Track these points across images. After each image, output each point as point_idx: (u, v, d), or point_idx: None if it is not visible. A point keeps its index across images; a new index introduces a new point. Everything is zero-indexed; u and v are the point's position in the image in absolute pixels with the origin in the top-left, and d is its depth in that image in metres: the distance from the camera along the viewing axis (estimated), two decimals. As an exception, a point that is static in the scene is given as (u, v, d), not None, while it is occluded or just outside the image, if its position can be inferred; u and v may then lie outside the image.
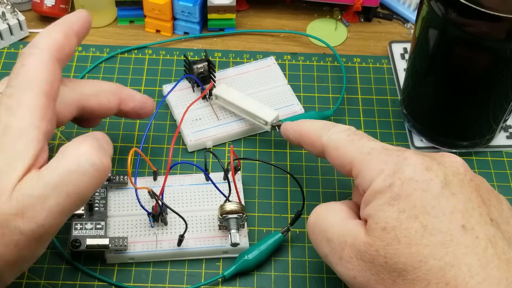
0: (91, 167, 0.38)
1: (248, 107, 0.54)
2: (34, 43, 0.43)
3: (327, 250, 0.41)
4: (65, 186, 0.37)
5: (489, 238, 0.37)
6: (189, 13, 0.62)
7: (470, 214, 0.37)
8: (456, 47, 0.47)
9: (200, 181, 0.51)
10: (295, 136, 0.48)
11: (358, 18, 0.66)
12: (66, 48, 0.43)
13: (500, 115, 0.52)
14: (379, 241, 0.38)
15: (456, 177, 0.39)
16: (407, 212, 0.37)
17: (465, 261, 0.36)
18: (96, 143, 0.39)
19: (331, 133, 0.44)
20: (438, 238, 0.36)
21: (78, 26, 0.45)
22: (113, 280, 0.47)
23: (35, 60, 0.42)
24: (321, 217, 0.43)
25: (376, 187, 0.39)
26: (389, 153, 0.40)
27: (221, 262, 0.48)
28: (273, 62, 0.60)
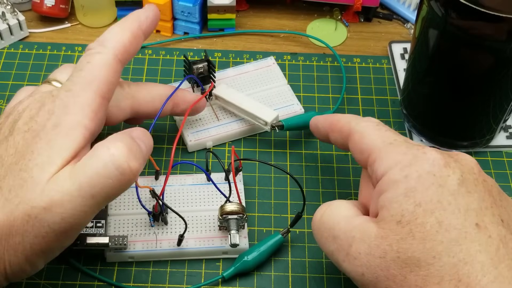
0: (117, 170, 0.38)
1: (248, 108, 0.54)
2: (103, 41, 0.43)
3: (333, 247, 0.41)
4: (91, 188, 0.37)
5: (501, 238, 0.37)
6: (189, 13, 0.62)
7: (484, 213, 0.37)
8: (456, 47, 0.47)
9: (201, 181, 0.51)
10: (324, 125, 0.48)
11: (358, 18, 0.66)
12: (132, 49, 0.44)
13: (500, 115, 0.52)
14: (393, 234, 0.37)
15: (472, 176, 0.39)
16: (423, 205, 0.37)
17: (478, 259, 0.36)
18: (129, 144, 0.39)
19: (360, 120, 0.45)
20: (453, 234, 0.36)
21: (147, 24, 0.45)
22: (113, 280, 0.47)
23: (100, 60, 0.42)
24: (327, 215, 0.42)
25: (391, 177, 0.39)
26: (410, 146, 0.41)
27: (221, 263, 0.48)
28: (272, 62, 0.60)
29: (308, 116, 0.55)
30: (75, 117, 0.40)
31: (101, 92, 0.41)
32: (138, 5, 0.63)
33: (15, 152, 0.39)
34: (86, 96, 0.41)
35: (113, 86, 0.43)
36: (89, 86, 0.41)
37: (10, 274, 0.38)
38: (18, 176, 0.38)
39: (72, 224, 0.38)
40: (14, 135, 0.39)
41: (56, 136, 0.39)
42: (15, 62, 0.61)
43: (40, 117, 0.40)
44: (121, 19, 0.45)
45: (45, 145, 0.39)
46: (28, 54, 0.61)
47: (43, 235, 0.37)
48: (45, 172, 0.38)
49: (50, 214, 0.37)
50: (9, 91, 0.58)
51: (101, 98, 0.41)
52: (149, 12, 0.46)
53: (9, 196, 0.37)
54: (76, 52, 0.62)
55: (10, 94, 0.58)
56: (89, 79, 0.41)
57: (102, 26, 0.65)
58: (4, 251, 0.37)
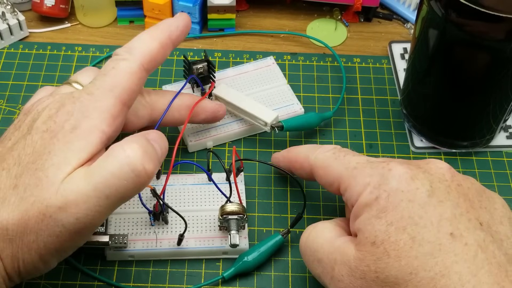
0: (132, 172, 0.38)
1: (247, 108, 0.54)
2: (130, 48, 0.44)
3: (319, 270, 0.42)
4: (106, 189, 0.37)
5: (479, 243, 0.37)
6: (189, 13, 0.62)
7: (458, 221, 0.37)
8: (456, 47, 0.47)
9: (202, 181, 0.51)
10: (285, 163, 0.49)
11: (358, 18, 0.66)
12: (159, 58, 0.45)
13: (500, 115, 0.52)
14: (369, 255, 0.38)
15: (443, 183, 0.39)
16: (394, 224, 0.37)
17: (455, 269, 0.36)
18: (145, 146, 0.39)
19: (317, 154, 0.45)
20: (427, 248, 0.36)
21: (177, 34, 0.46)
22: (113, 279, 0.47)
23: (125, 67, 0.42)
24: (311, 238, 0.43)
25: (363, 201, 0.39)
26: (374, 165, 0.40)
27: (221, 263, 0.48)
28: (272, 62, 0.60)
29: (308, 117, 0.55)
30: (93, 121, 0.40)
31: (122, 98, 0.42)
32: (138, 5, 0.63)
33: (33, 152, 0.39)
34: (107, 102, 0.41)
35: (135, 94, 0.43)
36: (111, 91, 0.41)
37: (23, 272, 0.39)
38: (34, 175, 0.38)
39: (86, 224, 0.38)
40: (33, 134, 0.40)
41: (73, 138, 0.39)
42: (15, 62, 0.61)
43: (59, 118, 0.40)
44: (152, 26, 0.45)
45: (62, 146, 0.39)
46: (28, 54, 0.61)
47: (57, 234, 0.38)
48: (60, 172, 0.38)
49: (64, 213, 0.37)
50: (9, 91, 0.58)
51: (121, 104, 0.42)
52: (180, 21, 0.46)
53: (25, 194, 0.38)
54: (76, 52, 0.62)
55: (10, 94, 0.58)
56: (112, 84, 0.41)
57: (102, 26, 0.65)
58: (18, 249, 0.38)
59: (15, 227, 0.37)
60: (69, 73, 0.60)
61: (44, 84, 0.59)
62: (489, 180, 0.54)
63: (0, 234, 0.37)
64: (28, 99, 0.57)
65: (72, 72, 0.60)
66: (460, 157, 0.55)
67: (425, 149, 0.55)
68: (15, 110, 0.57)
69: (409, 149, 0.56)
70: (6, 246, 0.38)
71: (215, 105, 0.52)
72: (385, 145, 0.56)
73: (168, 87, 0.57)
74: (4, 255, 0.38)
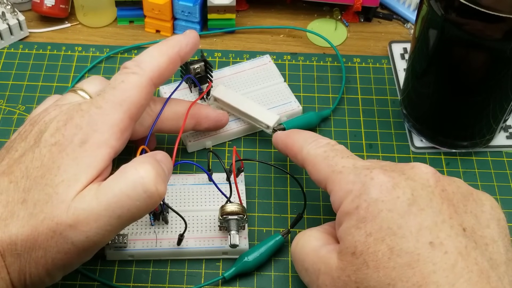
0: (145, 193, 0.38)
1: (249, 111, 0.54)
2: (140, 62, 0.44)
3: (307, 279, 0.42)
4: (118, 209, 0.38)
5: (460, 251, 0.36)
6: (189, 13, 0.62)
7: (440, 229, 0.37)
8: (456, 47, 0.47)
9: (202, 181, 0.51)
10: (282, 147, 0.49)
11: (358, 18, 0.66)
12: (167, 73, 0.45)
13: (500, 115, 0.52)
14: (350, 265, 0.38)
15: (426, 190, 0.39)
16: (373, 235, 0.38)
17: (433, 279, 0.36)
18: (156, 167, 0.39)
19: (310, 148, 0.45)
20: (405, 259, 0.36)
21: (186, 51, 0.46)
22: (113, 280, 0.47)
23: (135, 81, 0.42)
24: (299, 247, 0.43)
25: (344, 209, 0.40)
26: (358, 172, 0.40)
27: (221, 263, 0.48)
28: (269, 60, 0.60)
29: (308, 117, 0.55)
30: (102, 135, 0.40)
31: (130, 113, 0.42)
32: (138, 5, 0.63)
33: (41, 165, 0.39)
34: (116, 116, 0.41)
35: (143, 108, 0.43)
36: (120, 106, 0.41)
37: (29, 284, 0.39)
38: (43, 191, 0.38)
39: (95, 242, 0.38)
40: (41, 147, 0.39)
41: (82, 154, 0.39)
42: (15, 62, 0.61)
43: (68, 131, 0.40)
44: (162, 41, 0.46)
45: (71, 161, 0.39)
46: (28, 54, 0.61)
47: (65, 251, 0.38)
48: (70, 189, 0.38)
49: (75, 232, 0.37)
50: (9, 91, 0.58)
51: (129, 119, 0.42)
52: (190, 39, 0.47)
53: (34, 211, 0.37)
54: (76, 52, 0.62)
55: (10, 94, 0.58)
56: (121, 98, 0.41)
57: (102, 26, 0.65)
58: (26, 263, 0.38)
59: (24, 242, 0.37)
60: (69, 73, 0.60)
61: (44, 84, 0.59)
62: (489, 180, 0.54)
63: (9, 249, 0.37)
64: (28, 99, 0.58)
65: (72, 72, 0.60)
66: (460, 157, 0.55)
67: (425, 149, 0.55)
68: (15, 110, 0.57)
69: (409, 149, 0.56)
70: (14, 260, 0.37)
71: (218, 114, 0.52)
72: (385, 145, 0.56)
73: (166, 87, 0.57)
74: (12, 270, 0.38)
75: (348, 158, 0.43)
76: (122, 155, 0.53)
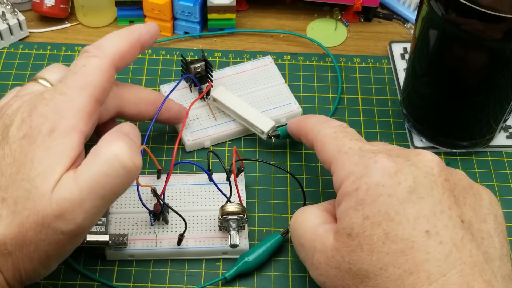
0: (123, 169, 0.38)
1: (245, 115, 0.54)
2: (100, 46, 0.43)
3: (302, 255, 0.43)
4: (100, 189, 0.37)
5: (455, 242, 0.36)
6: (189, 13, 0.62)
7: (438, 218, 0.37)
8: (456, 47, 0.47)
9: (202, 181, 0.51)
10: (296, 130, 0.49)
11: (358, 18, 0.66)
12: (128, 57, 0.44)
13: (500, 115, 0.52)
14: (345, 246, 0.38)
15: (428, 178, 0.39)
16: (371, 218, 0.38)
17: (424, 268, 0.36)
18: (127, 141, 0.39)
19: (321, 128, 0.45)
20: (400, 245, 0.37)
21: (146, 38, 0.46)
22: (113, 279, 0.47)
23: (96, 64, 0.42)
24: (298, 223, 0.43)
25: (344, 189, 0.40)
26: (363, 154, 0.40)
27: (221, 263, 0.48)
28: (270, 61, 0.60)
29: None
30: (70, 121, 0.39)
31: (95, 96, 0.41)
32: (138, 5, 0.63)
33: (13, 161, 0.38)
34: (81, 100, 0.40)
35: (107, 91, 0.42)
36: (84, 90, 0.41)
37: (25, 279, 0.39)
38: (21, 187, 0.37)
39: (84, 227, 0.38)
40: (10, 143, 0.39)
41: (53, 143, 0.38)
42: (15, 62, 0.61)
43: (34, 122, 0.39)
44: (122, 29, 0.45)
45: (44, 152, 0.38)
46: (28, 54, 0.61)
47: (57, 242, 0.38)
48: (48, 181, 0.37)
49: (62, 221, 0.37)
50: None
51: (95, 102, 0.41)
52: (150, 27, 0.46)
53: (16, 208, 0.37)
54: (76, 52, 0.62)
55: (10, 94, 0.58)
56: (84, 82, 0.41)
57: (102, 26, 0.65)
58: (19, 260, 0.38)
59: (13, 241, 0.37)
60: (69, 73, 0.60)
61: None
62: (489, 180, 0.54)
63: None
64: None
65: (72, 72, 0.60)
66: (460, 157, 0.55)
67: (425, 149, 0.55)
68: (15, 110, 0.57)
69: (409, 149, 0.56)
70: (6, 260, 0.37)
71: (178, 107, 0.52)
72: (385, 145, 0.56)
73: (165, 87, 0.57)
74: (5, 269, 0.38)
75: (356, 141, 0.43)
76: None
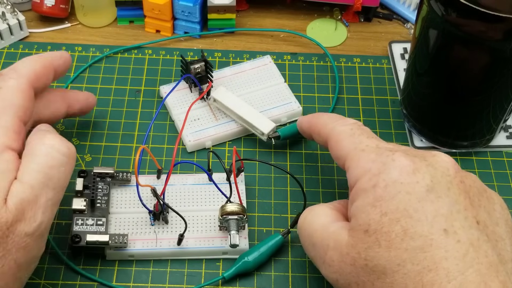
0: (64, 156, 0.41)
1: (246, 116, 0.54)
2: (15, 68, 0.45)
3: (312, 254, 0.43)
4: (49, 181, 0.40)
5: (472, 242, 0.37)
6: (189, 13, 0.62)
7: (455, 218, 0.37)
8: (456, 47, 0.47)
9: (202, 181, 0.51)
10: (306, 127, 0.49)
11: (358, 18, 0.66)
12: (43, 78, 0.46)
13: (500, 115, 0.52)
14: (361, 243, 0.38)
15: (445, 178, 0.39)
16: (389, 215, 0.38)
17: (443, 265, 0.36)
18: (53, 132, 0.42)
19: (336, 124, 0.45)
20: (418, 242, 0.37)
21: (58, 63, 0.48)
22: (113, 279, 0.47)
23: (14, 86, 0.44)
24: (307, 222, 0.43)
25: (361, 186, 0.40)
26: (380, 152, 0.41)
27: (221, 263, 0.48)
28: (269, 61, 0.60)
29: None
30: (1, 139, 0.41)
31: (19, 116, 0.43)
32: (138, 5, 0.63)
33: None
34: (6, 120, 0.42)
35: (30, 110, 0.44)
36: (5, 110, 0.42)
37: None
38: None
39: (45, 222, 0.40)
40: None
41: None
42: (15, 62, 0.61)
43: None
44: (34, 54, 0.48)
45: None
46: (28, 54, 0.61)
47: (24, 247, 0.38)
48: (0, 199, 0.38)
49: (24, 222, 0.38)
50: (9, 91, 0.58)
51: (19, 121, 0.43)
52: (63, 53, 0.49)
53: None
54: (76, 52, 0.62)
55: (10, 94, 0.58)
56: (4, 104, 0.42)
57: (102, 26, 0.65)
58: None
59: None
60: (69, 73, 0.60)
61: (44, 84, 0.59)
62: (489, 180, 0.54)
63: None
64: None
65: (72, 72, 0.60)
66: (460, 157, 0.55)
67: (425, 149, 0.55)
68: (15, 110, 0.57)
69: (409, 149, 0.56)
70: None
71: (84, 94, 0.53)
72: (385, 145, 0.56)
73: (165, 87, 0.57)
74: None
75: (373, 139, 0.43)
76: (121, 155, 0.53)
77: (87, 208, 0.47)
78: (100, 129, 0.56)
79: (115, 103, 0.58)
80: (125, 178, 0.50)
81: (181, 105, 0.56)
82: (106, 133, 0.55)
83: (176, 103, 0.56)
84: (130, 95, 0.58)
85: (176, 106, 0.56)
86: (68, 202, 0.48)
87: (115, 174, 0.50)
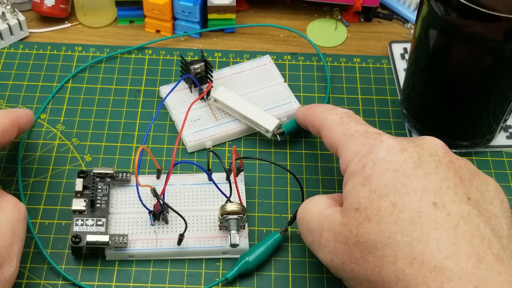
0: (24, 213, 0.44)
1: (249, 115, 0.54)
2: None
3: (310, 239, 0.43)
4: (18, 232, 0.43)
5: (462, 216, 0.37)
6: (189, 13, 0.62)
7: (444, 193, 0.38)
8: (456, 47, 0.47)
9: (202, 181, 0.51)
10: (302, 118, 0.51)
11: (358, 18, 0.66)
12: (7, 134, 0.47)
13: (500, 115, 0.52)
14: (352, 221, 0.39)
15: (433, 158, 0.40)
16: (378, 191, 0.38)
17: (433, 236, 0.36)
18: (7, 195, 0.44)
19: (328, 114, 0.46)
20: (407, 215, 0.37)
21: (24, 120, 0.49)
22: (113, 279, 0.47)
23: None
24: (305, 210, 0.44)
25: (351, 169, 0.41)
26: (368, 135, 0.42)
27: (221, 263, 0.48)
28: (269, 61, 0.60)
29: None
30: None
31: None
32: (138, 5, 0.63)
33: None
34: None
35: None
36: None
37: None
38: None
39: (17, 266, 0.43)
40: None
41: None
42: (15, 62, 0.61)
43: None
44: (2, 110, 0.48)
45: None
46: (28, 54, 0.61)
47: None
48: None
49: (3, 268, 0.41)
50: (9, 91, 0.58)
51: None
52: (27, 111, 0.50)
53: None
54: (76, 52, 0.62)
55: (10, 94, 0.58)
56: None
57: (102, 26, 0.65)
58: None
59: None
60: (69, 73, 0.60)
61: (44, 84, 0.59)
62: (489, 180, 0.54)
63: None
64: (29, 99, 0.58)
65: (72, 72, 0.60)
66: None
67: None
68: (15, 110, 0.57)
69: (409, 149, 0.56)
70: None
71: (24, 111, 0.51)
72: (385, 145, 0.56)
73: (165, 88, 0.57)
74: None
75: (362, 125, 0.44)
76: (121, 155, 0.53)
77: (87, 208, 0.47)
78: (100, 129, 0.56)
79: (115, 103, 0.58)
80: (125, 178, 0.50)
81: (181, 105, 0.56)
82: (106, 133, 0.55)
83: (176, 103, 0.56)
84: (130, 95, 0.58)
85: (176, 106, 0.56)
86: (68, 202, 0.48)
87: (115, 174, 0.50)
